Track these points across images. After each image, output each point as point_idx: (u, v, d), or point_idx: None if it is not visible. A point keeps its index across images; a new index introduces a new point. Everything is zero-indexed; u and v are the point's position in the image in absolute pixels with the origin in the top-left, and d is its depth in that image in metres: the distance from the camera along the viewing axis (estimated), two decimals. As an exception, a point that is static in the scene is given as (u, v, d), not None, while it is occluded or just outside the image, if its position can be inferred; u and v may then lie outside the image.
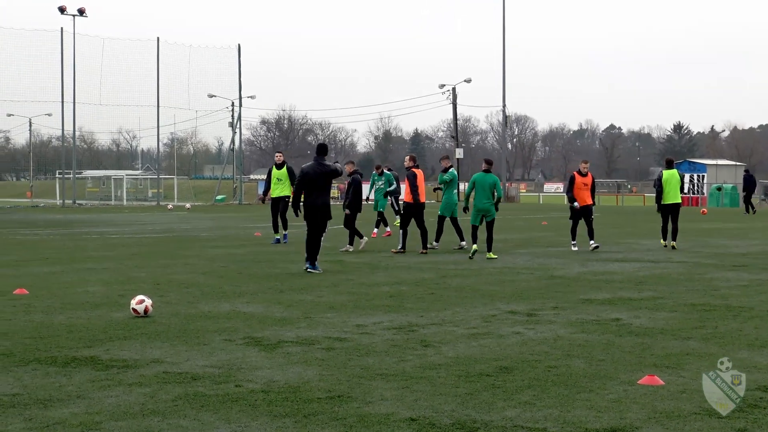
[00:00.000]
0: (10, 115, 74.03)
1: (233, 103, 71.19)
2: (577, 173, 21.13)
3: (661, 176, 21.73)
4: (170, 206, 57.41)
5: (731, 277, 15.05)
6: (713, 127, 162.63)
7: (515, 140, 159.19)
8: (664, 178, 21.60)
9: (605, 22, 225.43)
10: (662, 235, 21.85)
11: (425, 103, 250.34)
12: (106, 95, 63.93)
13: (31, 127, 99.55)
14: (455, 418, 6.09)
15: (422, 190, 20.30)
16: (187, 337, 9.15)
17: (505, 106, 75.06)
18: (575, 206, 20.83)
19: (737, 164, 75.27)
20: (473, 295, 12.61)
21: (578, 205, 20.83)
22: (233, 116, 72.11)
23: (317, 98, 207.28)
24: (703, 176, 65.17)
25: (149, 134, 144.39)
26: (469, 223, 19.23)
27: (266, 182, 23.12)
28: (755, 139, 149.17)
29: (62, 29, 61.88)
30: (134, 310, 10.40)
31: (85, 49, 62.63)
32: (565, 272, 15.78)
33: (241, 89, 69.88)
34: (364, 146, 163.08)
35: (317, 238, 15.63)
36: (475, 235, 18.82)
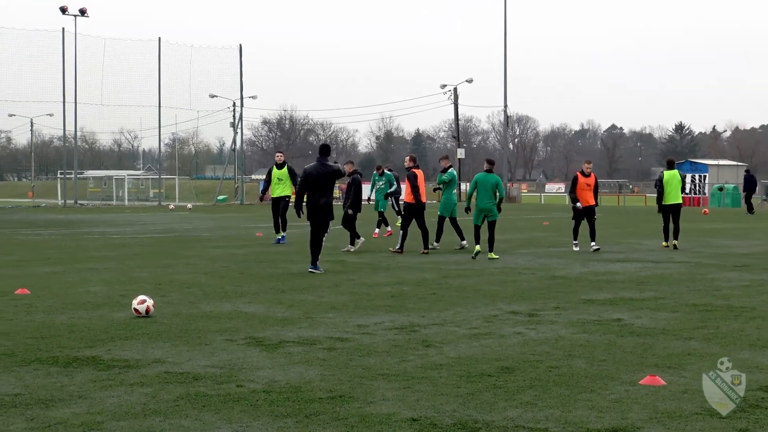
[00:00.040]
0: (11, 115, 73.99)
1: (234, 103, 71.28)
2: (580, 173, 21.05)
3: (662, 177, 21.72)
4: (172, 206, 57.40)
5: (733, 277, 15.04)
6: (715, 127, 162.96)
7: (517, 140, 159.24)
8: (665, 178, 21.60)
9: (606, 22, 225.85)
10: (664, 236, 21.85)
11: (426, 103, 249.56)
12: (107, 95, 64.09)
13: (32, 127, 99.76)
14: (457, 418, 6.09)
15: (423, 190, 20.30)
16: (188, 337, 9.15)
17: (506, 106, 75.13)
18: (578, 207, 20.78)
19: (739, 164, 75.32)
20: (475, 295, 12.61)
21: (581, 205, 20.78)
22: (234, 116, 72.20)
23: (318, 98, 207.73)
24: (704, 176, 65.13)
25: (151, 134, 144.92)
26: (469, 222, 19.21)
27: (266, 181, 23.05)
28: (757, 139, 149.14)
29: (64, 29, 61.96)
30: (136, 310, 10.41)
31: (86, 49, 62.75)
32: (566, 272, 15.77)
33: (242, 89, 69.96)
34: (365, 146, 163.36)
35: (320, 238, 15.63)
36: (477, 235, 18.79)
